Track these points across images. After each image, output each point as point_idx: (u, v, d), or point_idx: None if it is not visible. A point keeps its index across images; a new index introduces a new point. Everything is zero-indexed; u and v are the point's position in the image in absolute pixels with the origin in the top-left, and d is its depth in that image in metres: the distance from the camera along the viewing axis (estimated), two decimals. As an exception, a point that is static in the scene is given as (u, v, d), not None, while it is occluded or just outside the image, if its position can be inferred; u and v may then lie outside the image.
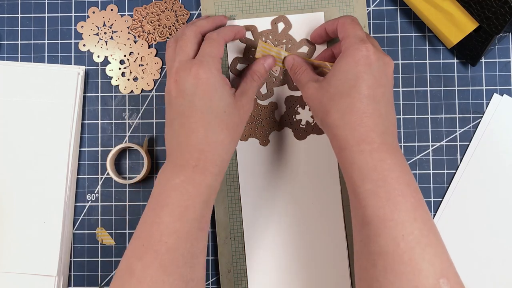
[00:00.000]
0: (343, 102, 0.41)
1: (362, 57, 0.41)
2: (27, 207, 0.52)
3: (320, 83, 0.44)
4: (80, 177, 0.54)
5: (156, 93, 0.54)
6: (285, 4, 0.52)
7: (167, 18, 0.54)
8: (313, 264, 0.51)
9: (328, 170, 0.52)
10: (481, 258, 0.46)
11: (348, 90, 0.41)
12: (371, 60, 0.41)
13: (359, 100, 0.41)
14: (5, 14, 0.55)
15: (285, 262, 0.51)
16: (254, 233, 0.52)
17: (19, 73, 0.53)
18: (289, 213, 0.52)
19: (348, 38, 0.43)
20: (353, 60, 0.41)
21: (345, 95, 0.41)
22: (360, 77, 0.41)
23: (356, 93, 0.41)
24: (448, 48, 0.52)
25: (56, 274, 0.52)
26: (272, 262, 0.52)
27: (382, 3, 0.54)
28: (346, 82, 0.41)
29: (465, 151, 0.53)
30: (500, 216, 0.52)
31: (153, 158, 0.54)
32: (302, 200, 0.52)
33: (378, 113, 0.41)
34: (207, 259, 0.53)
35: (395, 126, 0.43)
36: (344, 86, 0.41)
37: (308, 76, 0.46)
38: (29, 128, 0.52)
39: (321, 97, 0.43)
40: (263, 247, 0.52)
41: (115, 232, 0.54)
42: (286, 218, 0.52)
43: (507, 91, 0.53)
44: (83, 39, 0.54)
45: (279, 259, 0.52)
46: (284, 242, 0.52)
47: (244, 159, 0.52)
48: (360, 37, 0.43)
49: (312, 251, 0.51)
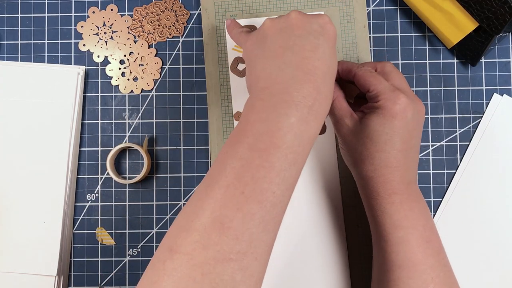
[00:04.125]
0: (378, 157, 0.42)
1: (399, 111, 0.41)
2: (27, 207, 0.52)
3: (355, 126, 0.43)
4: (80, 177, 0.54)
5: (156, 93, 0.54)
6: (285, 4, 0.52)
7: (167, 18, 0.54)
8: (313, 264, 0.51)
9: (328, 170, 0.52)
10: (481, 258, 0.46)
11: (384, 144, 0.42)
12: (407, 114, 0.41)
13: (393, 155, 0.42)
14: (5, 14, 0.55)
15: (285, 262, 0.51)
16: (254, 233, 0.52)
17: (19, 73, 0.53)
18: (289, 213, 0.52)
19: (379, 91, 0.42)
20: (390, 115, 0.41)
21: (380, 150, 0.42)
22: (396, 133, 0.41)
23: (391, 148, 0.42)
24: (448, 48, 0.52)
25: (56, 274, 0.52)
26: (272, 262, 0.51)
27: (382, 3, 0.54)
28: (382, 135, 0.42)
29: (465, 151, 0.53)
30: (500, 216, 0.52)
31: (153, 158, 0.54)
32: (302, 200, 0.52)
33: (407, 165, 0.43)
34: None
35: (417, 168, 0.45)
36: (380, 139, 0.42)
37: (341, 107, 0.44)
38: (29, 128, 0.52)
39: (355, 143, 0.43)
40: (263, 247, 0.52)
41: (115, 232, 0.54)
42: (286, 218, 0.52)
43: (507, 91, 0.53)
44: (83, 39, 0.54)
45: (279, 259, 0.51)
46: (284, 242, 0.52)
47: (244, 159, 0.52)
48: (391, 89, 0.42)
49: (312, 251, 0.51)
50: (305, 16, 0.40)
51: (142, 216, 0.54)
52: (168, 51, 0.54)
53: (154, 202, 0.54)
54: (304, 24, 0.39)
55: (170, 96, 0.54)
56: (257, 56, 0.40)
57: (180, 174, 0.54)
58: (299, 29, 0.39)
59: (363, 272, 0.51)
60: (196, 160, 0.53)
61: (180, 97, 0.54)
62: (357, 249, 0.51)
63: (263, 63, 0.39)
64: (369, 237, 0.51)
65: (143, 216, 0.54)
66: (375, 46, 0.53)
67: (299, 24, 0.39)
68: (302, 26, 0.39)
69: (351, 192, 0.52)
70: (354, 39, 0.52)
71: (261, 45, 0.40)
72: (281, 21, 0.40)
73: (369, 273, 0.51)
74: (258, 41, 0.41)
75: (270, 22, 0.41)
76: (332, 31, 0.40)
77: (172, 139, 0.54)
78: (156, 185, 0.54)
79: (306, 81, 0.36)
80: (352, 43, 0.52)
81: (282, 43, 0.38)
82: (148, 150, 0.54)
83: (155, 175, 0.54)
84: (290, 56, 0.37)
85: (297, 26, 0.39)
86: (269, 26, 0.41)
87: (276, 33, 0.40)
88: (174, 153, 0.54)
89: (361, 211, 0.51)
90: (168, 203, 0.53)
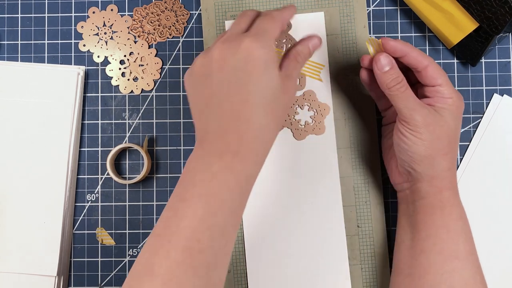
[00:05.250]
0: (455, 150, 0.44)
1: (462, 110, 0.44)
2: (27, 207, 0.52)
3: (436, 117, 0.43)
4: (80, 177, 0.54)
5: (156, 93, 0.54)
6: (285, 4, 0.52)
7: (167, 18, 0.54)
8: (314, 264, 0.51)
9: (328, 170, 0.52)
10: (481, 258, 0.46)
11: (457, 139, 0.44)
12: (462, 111, 0.44)
13: (455, 151, 0.44)
14: (5, 14, 0.55)
15: (285, 262, 0.51)
16: (254, 233, 0.52)
17: (19, 73, 0.53)
18: (289, 213, 0.52)
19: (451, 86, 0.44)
20: (461, 112, 0.44)
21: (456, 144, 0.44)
22: (458, 129, 0.44)
23: (455, 146, 0.44)
24: (448, 48, 0.52)
25: (56, 274, 0.52)
26: (272, 263, 0.52)
27: (382, 3, 0.54)
28: (458, 131, 0.44)
29: (465, 151, 0.53)
30: (500, 216, 0.52)
31: (153, 158, 0.54)
32: (302, 200, 0.52)
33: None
34: (207, 259, 0.53)
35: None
36: (457, 134, 0.44)
37: (414, 95, 0.43)
38: (29, 128, 0.52)
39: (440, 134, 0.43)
40: (263, 247, 0.52)
41: (115, 232, 0.54)
42: (286, 218, 0.52)
43: (507, 91, 0.53)
44: (83, 39, 0.54)
45: (279, 259, 0.52)
46: (284, 242, 0.52)
47: (244, 159, 0.52)
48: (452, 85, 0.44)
49: (313, 251, 0.51)
50: (226, 53, 0.38)
51: (142, 216, 0.54)
52: (168, 51, 0.54)
53: (154, 202, 0.54)
54: (225, 64, 0.38)
55: (170, 96, 0.54)
56: (191, 99, 0.41)
57: (180, 174, 0.53)
58: (220, 73, 0.38)
59: (363, 272, 0.51)
60: (196, 160, 0.53)
61: (180, 97, 0.54)
62: (357, 249, 0.51)
63: (196, 107, 0.40)
64: (369, 237, 0.51)
65: (143, 216, 0.54)
66: (375, 46, 0.53)
67: (220, 66, 0.38)
68: (223, 68, 0.38)
69: (351, 192, 0.52)
70: (354, 39, 0.52)
71: (193, 87, 0.41)
72: (205, 62, 0.39)
73: (369, 273, 0.51)
74: (190, 82, 0.41)
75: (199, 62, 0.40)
76: (258, 58, 0.38)
77: (172, 139, 0.54)
78: (156, 185, 0.54)
79: (229, 129, 0.37)
80: (352, 43, 0.52)
81: (208, 91, 0.39)
82: (148, 150, 0.54)
83: (155, 175, 0.54)
84: (216, 104, 0.38)
85: (218, 69, 0.38)
86: (197, 69, 0.40)
87: (202, 80, 0.39)
88: (174, 153, 0.54)
89: (361, 211, 0.51)
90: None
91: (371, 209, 0.51)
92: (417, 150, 0.42)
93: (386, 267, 0.51)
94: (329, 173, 0.52)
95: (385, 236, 0.51)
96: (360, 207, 0.51)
